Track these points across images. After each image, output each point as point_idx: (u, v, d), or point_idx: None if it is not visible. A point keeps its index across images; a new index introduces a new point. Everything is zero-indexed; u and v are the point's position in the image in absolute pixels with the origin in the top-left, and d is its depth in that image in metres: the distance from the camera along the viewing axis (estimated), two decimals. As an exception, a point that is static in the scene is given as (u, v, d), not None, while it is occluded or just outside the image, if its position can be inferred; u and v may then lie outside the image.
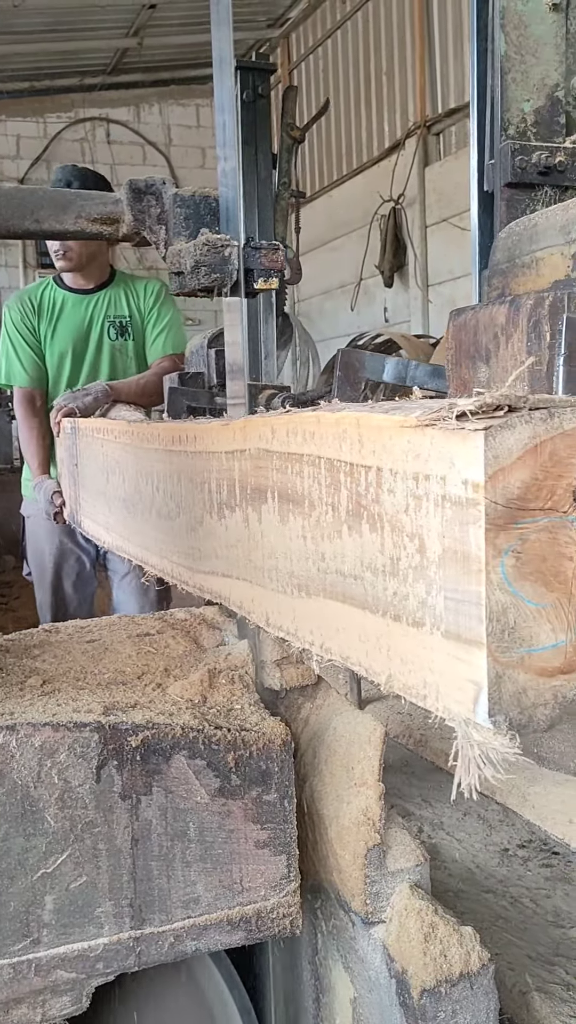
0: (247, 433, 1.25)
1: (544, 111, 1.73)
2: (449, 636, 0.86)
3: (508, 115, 1.71)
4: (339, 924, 1.28)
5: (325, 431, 1.04)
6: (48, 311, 3.28)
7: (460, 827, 2.40)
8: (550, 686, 0.83)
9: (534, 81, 1.72)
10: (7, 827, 1.10)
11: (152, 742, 1.16)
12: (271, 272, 1.42)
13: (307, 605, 1.12)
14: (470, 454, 0.80)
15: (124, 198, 1.54)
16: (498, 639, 0.81)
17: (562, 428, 0.81)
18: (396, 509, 0.92)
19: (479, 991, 1.14)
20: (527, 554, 0.82)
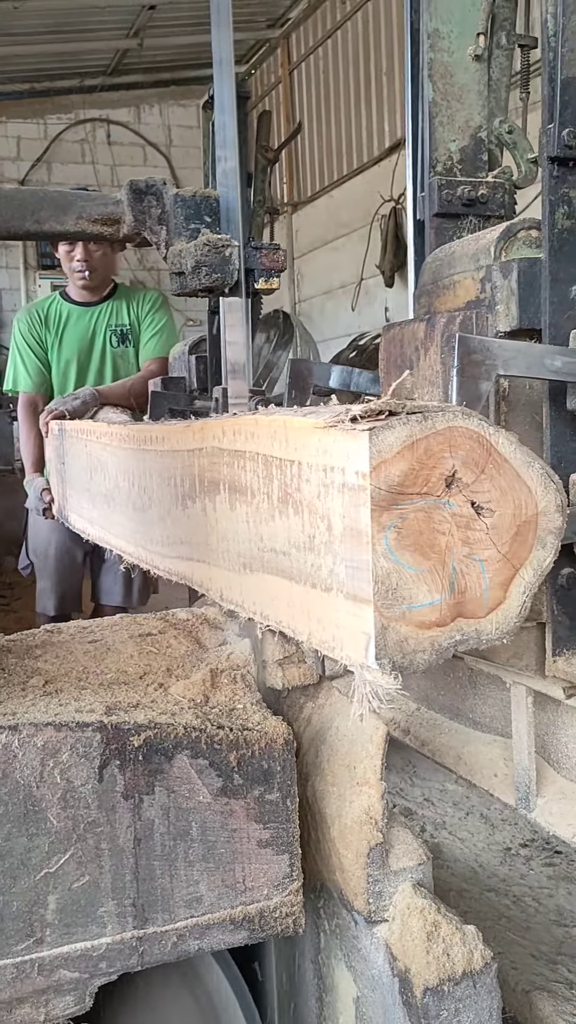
0: (204, 434, 1.42)
1: (468, 150, 1.94)
2: (348, 597, 1.04)
3: (436, 154, 1.90)
4: (342, 923, 1.28)
5: (262, 431, 1.21)
6: (55, 323, 3.56)
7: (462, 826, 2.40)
8: (427, 636, 1.02)
9: (459, 124, 1.91)
10: (10, 827, 1.10)
11: (154, 742, 1.16)
12: (271, 272, 1.42)
13: (250, 580, 1.30)
14: (359, 449, 0.98)
15: (125, 199, 1.54)
16: (383, 598, 0.99)
17: (435, 428, 1.00)
18: (312, 495, 1.10)
19: (482, 990, 1.14)
20: (406, 529, 1.00)
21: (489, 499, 1.05)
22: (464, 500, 1.03)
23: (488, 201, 1.91)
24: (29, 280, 12.15)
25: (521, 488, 1.06)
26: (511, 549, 1.06)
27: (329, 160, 10.76)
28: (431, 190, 1.90)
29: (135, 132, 12.48)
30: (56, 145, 12.20)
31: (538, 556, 1.08)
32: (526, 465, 1.06)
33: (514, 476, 1.06)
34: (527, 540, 1.07)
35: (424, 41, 1.89)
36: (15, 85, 11.72)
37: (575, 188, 1.46)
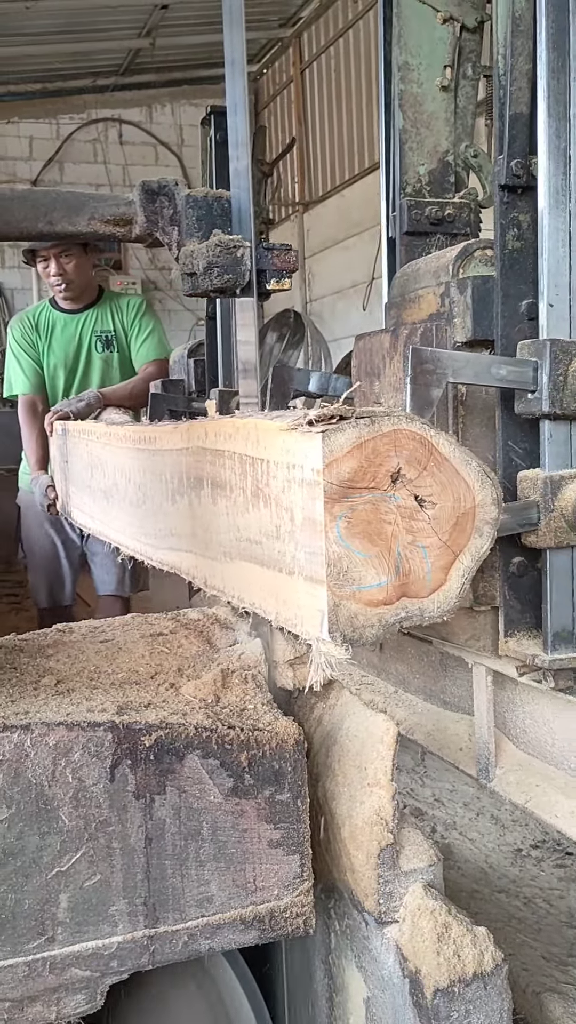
0: (189, 434, 1.55)
1: (436, 173, 2.08)
2: (307, 579, 1.16)
3: (406, 176, 2.05)
4: (352, 924, 1.28)
5: (238, 433, 1.33)
6: (45, 330, 3.79)
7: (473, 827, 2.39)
8: (375, 613, 1.15)
9: (427, 149, 2.06)
10: (22, 825, 1.11)
11: (165, 742, 1.16)
12: (283, 273, 1.42)
13: (230, 567, 1.42)
14: (314, 449, 1.11)
15: (137, 199, 1.54)
16: (335, 579, 1.12)
17: (381, 430, 1.12)
18: (278, 490, 1.22)
19: (492, 991, 1.13)
20: (356, 519, 1.12)
21: (431, 493, 1.17)
22: (408, 494, 1.16)
23: (455, 220, 2.06)
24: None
25: (460, 483, 1.19)
26: (451, 537, 1.19)
27: (340, 159, 10.74)
28: (401, 210, 2.04)
29: (147, 132, 12.49)
30: (68, 145, 12.23)
31: (476, 544, 1.20)
32: (464, 463, 1.19)
33: (453, 473, 1.18)
34: (466, 529, 1.20)
35: (395, 73, 2.04)
36: (27, 85, 11.75)
37: (523, 213, 1.57)
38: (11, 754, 1.10)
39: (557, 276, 1.52)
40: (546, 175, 1.52)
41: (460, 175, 2.12)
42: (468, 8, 2.08)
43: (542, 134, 1.52)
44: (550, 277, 1.52)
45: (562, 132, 1.51)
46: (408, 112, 2.04)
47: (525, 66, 1.56)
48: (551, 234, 1.52)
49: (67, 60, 11.15)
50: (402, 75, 2.04)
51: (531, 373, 1.52)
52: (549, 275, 1.52)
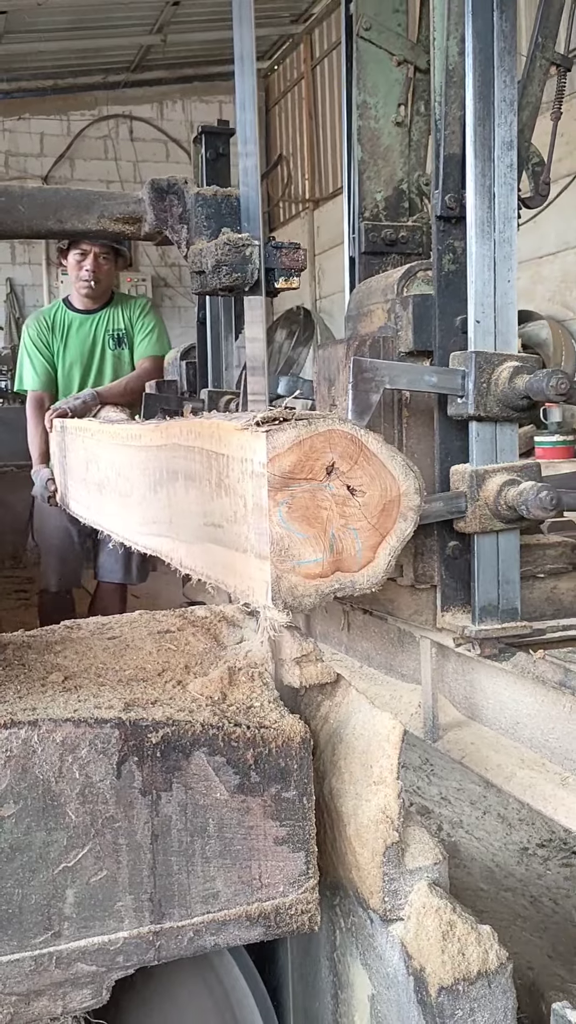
0: (167, 433, 1.74)
1: (392, 199, 2.32)
2: (257, 556, 1.35)
3: (365, 203, 2.29)
4: (357, 921, 1.29)
5: (205, 431, 1.51)
6: (61, 330, 3.94)
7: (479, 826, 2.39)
8: (312, 584, 1.34)
9: (384, 178, 2.30)
10: (29, 820, 1.11)
11: (172, 739, 1.16)
12: (291, 271, 1.42)
13: (200, 548, 1.60)
14: (260, 446, 1.30)
15: (146, 197, 1.55)
16: (278, 556, 1.31)
17: (317, 430, 1.31)
18: (235, 480, 1.40)
19: (497, 990, 1.14)
20: (296, 505, 1.31)
21: (361, 483, 1.36)
22: (341, 484, 1.35)
23: (408, 242, 2.28)
24: (51, 276, 12.19)
25: (387, 475, 1.37)
26: (379, 521, 1.38)
27: (351, 156, 10.72)
28: (360, 232, 2.27)
29: (158, 128, 12.50)
30: (79, 141, 12.24)
31: (401, 527, 1.39)
32: (390, 458, 1.37)
33: (381, 466, 1.36)
34: (392, 514, 1.38)
35: (355, 110, 2.27)
36: (39, 82, 11.76)
37: (457, 240, 1.77)
38: (19, 750, 1.11)
39: (483, 296, 1.72)
40: (473, 209, 1.71)
41: (414, 201, 2.34)
42: (420, 52, 2.28)
43: (470, 173, 1.71)
44: (477, 297, 1.72)
45: (487, 171, 1.71)
46: (366, 145, 2.28)
47: (458, 113, 1.76)
48: (478, 260, 1.72)
49: (78, 56, 11.16)
50: (360, 112, 2.28)
51: (459, 380, 1.72)
52: (476, 295, 1.72)
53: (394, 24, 2.28)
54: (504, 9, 1.68)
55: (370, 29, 2.26)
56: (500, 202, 1.72)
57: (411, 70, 2.28)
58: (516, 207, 1.75)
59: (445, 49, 1.77)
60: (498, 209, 1.71)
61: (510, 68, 1.71)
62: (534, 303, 7.52)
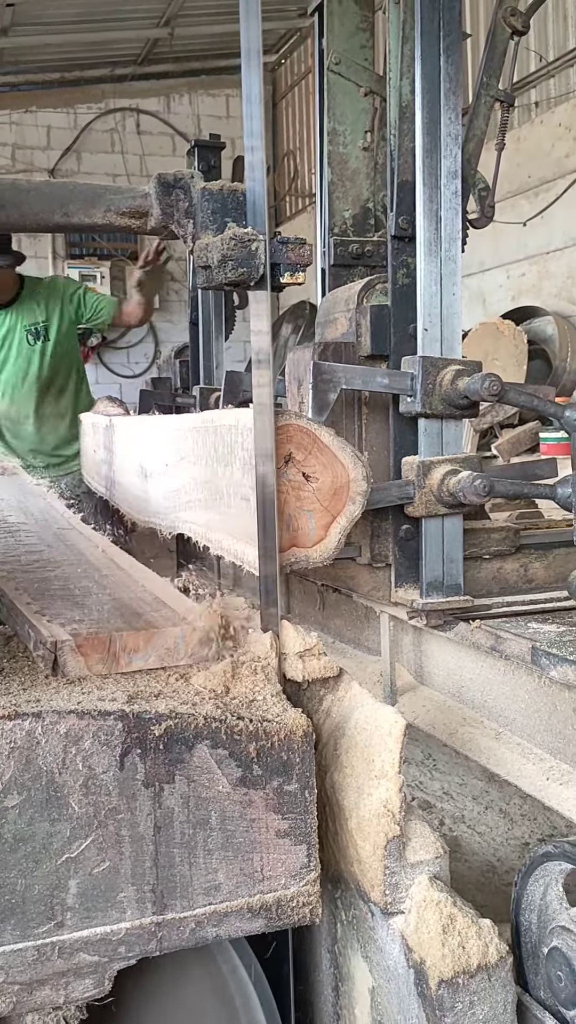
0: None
1: (358, 217, 2.52)
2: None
3: (334, 220, 2.49)
4: (358, 914, 1.29)
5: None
6: None
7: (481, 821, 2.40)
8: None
9: (351, 198, 2.51)
10: (32, 812, 1.12)
11: (175, 731, 1.17)
12: (297, 267, 1.42)
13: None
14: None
15: (153, 192, 1.54)
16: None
17: (276, 424, 1.48)
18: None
19: (497, 983, 1.14)
20: None
21: (314, 471, 1.54)
22: (297, 471, 1.53)
23: (373, 255, 2.46)
24: (58, 269, 12.19)
25: (337, 464, 1.54)
26: (331, 504, 1.55)
27: (358, 150, 10.70)
28: (329, 247, 2.47)
29: (164, 122, 12.47)
30: (86, 135, 12.22)
31: (350, 509, 1.56)
32: (341, 449, 1.55)
33: (332, 456, 1.54)
34: (342, 498, 1.55)
35: (325, 136, 2.47)
36: (45, 75, 11.73)
37: (409, 256, 1.96)
38: (22, 741, 1.12)
39: (430, 307, 1.91)
40: (422, 230, 1.90)
41: (379, 218, 2.53)
42: (385, 84, 2.37)
43: (419, 198, 1.90)
44: (424, 308, 1.91)
45: (434, 197, 1.90)
46: (335, 168, 2.49)
47: (409, 144, 1.94)
48: (425, 276, 1.90)
49: (86, 49, 11.13)
50: (330, 138, 2.48)
51: (408, 382, 1.91)
52: (424, 307, 1.91)
53: (361, 59, 2.50)
54: (450, 54, 1.88)
55: (339, 63, 2.48)
56: (446, 225, 1.91)
57: (377, 100, 2.48)
58: (460, 229, 1.94)
59: (399, 88, 1.97)
60: (444, 231, 1.91)
61: (455, 106, 1.90)
62: (540, 299, 7.49)
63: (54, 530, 1.96)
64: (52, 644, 1.26)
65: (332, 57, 2.47)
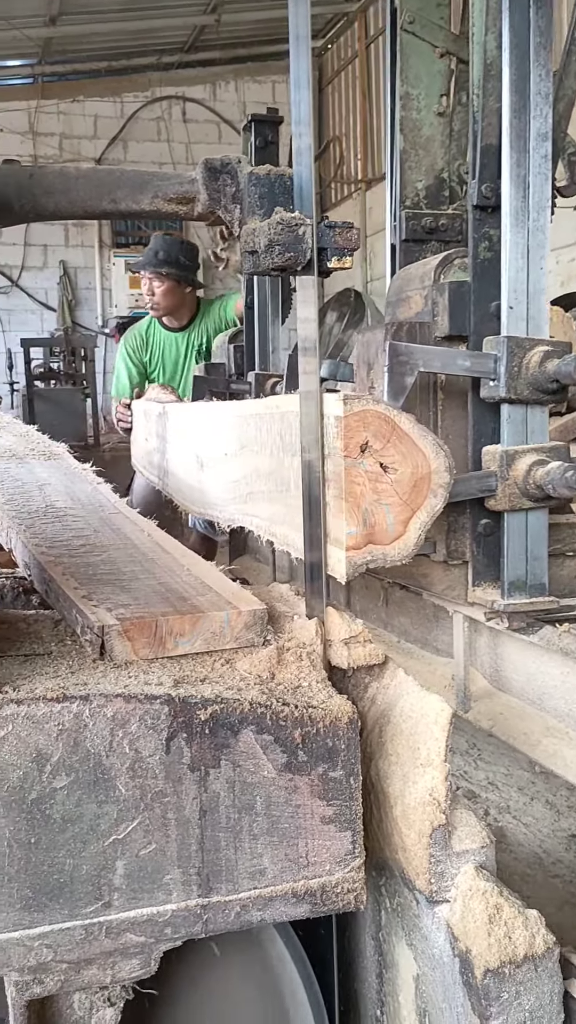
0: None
1: (432, 188, 2.38)
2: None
3: (406, 191, 2.35)
4: (403, 902, 1.29)
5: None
6: (153, 347, 4.55)
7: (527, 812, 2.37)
8: (346, 555, 1.44)
9: (424, 167, 2.36)
10: (80, 793, 1.13)
11: (221, 716, 1.17)
12: (344, 251, 1.41)
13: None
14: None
15: (199, 177, 1.54)
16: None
17: (353, 410, 1.40)
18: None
19: (543, 974, 1.13)
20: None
21: (393, 461, 1.43)
22: (374, 462, 1.42)
23: (447, 229, 2.34)
24: (104, 258, 12.28)
25: (418, 454, 1.44)
26: (410, 497, 1.45)
27: (405, 136, 10.59)
28: (401, 220, 2.34)
29: (210, 109, 12.48)
30: (132, 123, 12.28)
31: (431, 503, 1.46)
32: (421, 437, 1.44)
33: (412, 445, 1.44)
34: (423, 491, 1.45)
35: (397, 101, 2.33)
36: (93, 64, 11.80)
37: (493, 228, 1.84)
38: (70, 724, 1.13)
39: (516, 283, 1.79)
40: (508, 198, 1.78)
41: (454, 189, 2.40)
42: (463, 43, 2.28)
43: (506, 163, 1.77)
44: (510, 284, 1.79)
45: (522, 162, 1.78)
46: (408, 135, 2.35)
47: (495, 105, 1.82)
48: (511, 248, 1.78)
49: (132, 38, 11.17)
50: (403, 104, 2.34)
51: (491, 364, 1.79)
52: (509, 282, 1.79)
53: (437, 17, 2.34)
54: (540, 5, 1.74)
55: (413, 22, 2.32)
56: (534, 192, 1.78)
57: (453, 61, 2.33)
58: (550, 197, 1.81)
59: (483, 43, 1.84)
60: (532, 199, 1.78)
61: (545, 62, 1.76)
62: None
63: (101, 514, 1.97)
64: (99, 629, 1.27)
65: (406, 16, 2.31)
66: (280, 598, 1.60)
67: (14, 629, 1.43)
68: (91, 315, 12.33)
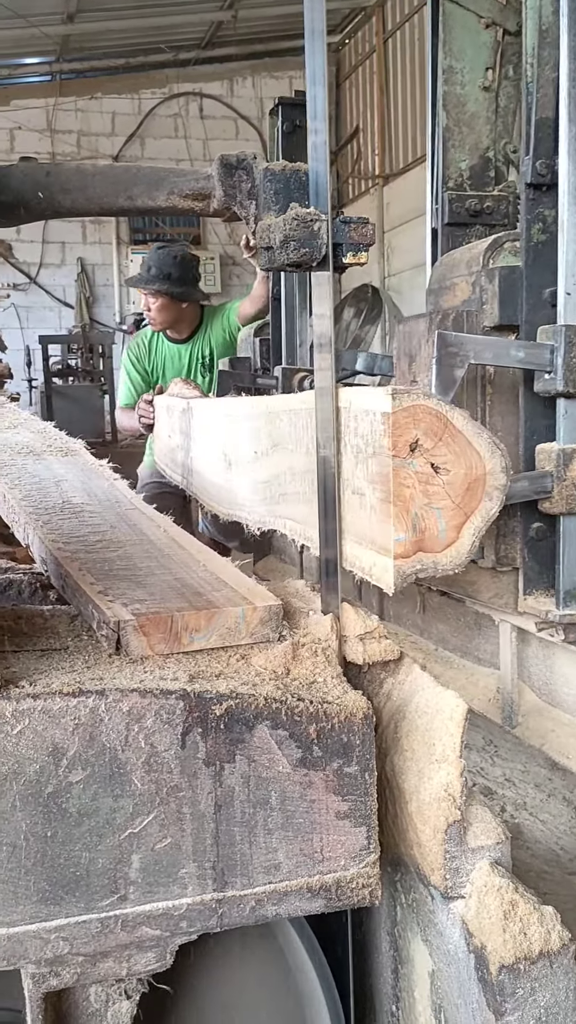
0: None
1: (477, 168, 2.23)
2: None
3: (448, 172, 2.22)
4: (418, 897, 1.29)
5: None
6: (157, 357, 4.40)
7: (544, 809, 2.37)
8: (394, 564, 1.31)
9: (469, 146, 2.22)
10: (96, 787, 1.14)
11: (236, 711, 1.18)
12: (360, 246, 1.41)
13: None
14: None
15: (215, 173, 1.54)
16: None
17: (402, 406, 1.27)
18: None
19: (559, 970, 1.13)
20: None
21: (445, 461, 1.31)
22: (425, 462, 1.30)
23: (493, 212, 2.20)
24: (121, 255, 12.31)
25: (472, 453, 1.32)
26: (463, 500, 1.33)
27: (422, 131, 10.56)
28: (443, 202, 2.20)
29: (227, 105, 12.47)
30: (149, 120, 12.29)
31: (486, 506, 1.34)
32: (476, 435, 1.32)
33: (466, 443, 1.32)
34: (477, 493, 1.33)
35: (440, 75, 2.18)
36: (110, 60, 11.82)
37: (548, 208, 1.71)
38: (86, 718, 1.13)
39: (574, 267, 1.66)
40: (566, 175, 1.65)
41: (500, 169, 2.27)
42: (510, 13, 2.20)
43: (563, 137, 1.65)
44: (568, 268, 1.66)
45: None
46: (451, 112, 2.22)
47: (551, 74, 1.70)
48: (570, 228, 1.65)
49: (149, 34, 11.17)
50: (446, 78, 2.21)
51: (547, 355, 1.67)
52: (567, 266, 1.66)
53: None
54: None
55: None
56: None
57: (500, 33, 2.20)
58: None
59: (538, 8, 1.72)
60: None
61: None
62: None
63: (117, 510, 1.98)
64: (115, 624, 1.28)
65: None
66: (295, 594, 1.60)
67: (31, 624, 1.44)
68: (109, 312, 12.37)
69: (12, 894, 1.13)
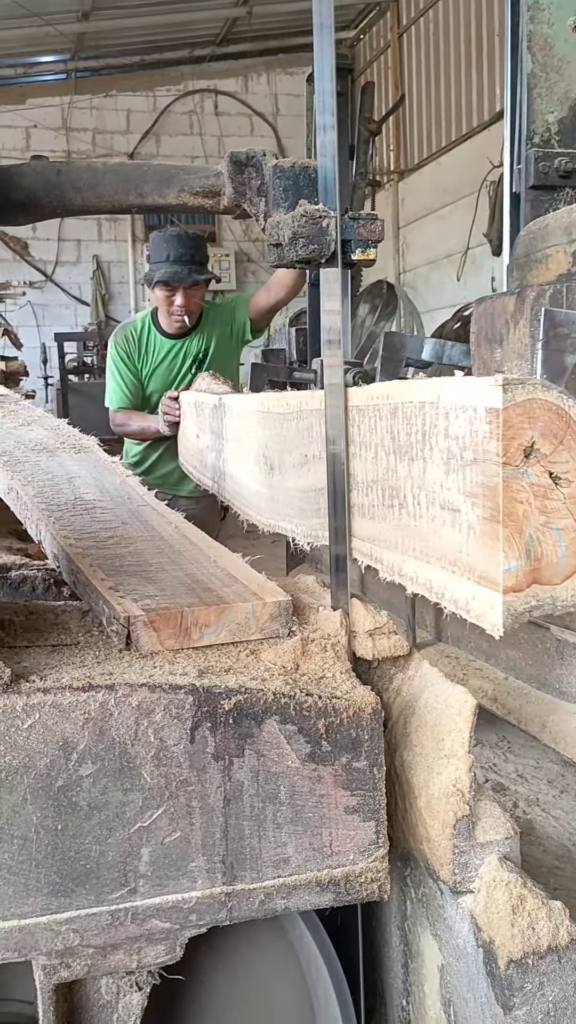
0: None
1: (567, 121, 1.95)
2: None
3: (534, 126, 1.94)
4: (428, 892, 1.29)
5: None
6: (148, 353, 3.85)
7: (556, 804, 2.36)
8: (504, 600, 1.05)
9: (558, 95, 1.94)
10: (106, 781, 1.15)
11: (245, 706, 1.18)
12: (368, 243, 1.41)
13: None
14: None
15: (225, 171, 1.55)
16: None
17: (514, 400, 1.01)
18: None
19: (567, 965, 1.13)
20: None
21: (567, 470, 1.05)
22: (542, 470, 1.04)
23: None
24: (136, 253, 12.33)
25: None
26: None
27: (437, 126, 10.53)
28: (527, 162, 1.95)
29: (242, 102, 12.48)
30: (164, 117, 12.31)
31: None
32: None
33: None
34: None
35: (524, 13, 1.92)
36: (125, 58, 11.85)
37: None
38: (96, 713, 1.14)
39: None
40: None
41: None
42: None
43: None
44: None
45: None
46: (537, 55, 1.95)
47: None
48: None
49: (164, 31, 11.19)
50: (531, 15, 1.95)
51: None
52: None
53: None
54: None
55: None
56: None
57: None
58: None
59: None
60: None
61: None
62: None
63: (129, 507, 1.99)
64: (125, 619, 1.29)
65: None
66: (305, 589, 1.60)
67: (42, 620, 1.45)
68: (124, 309, 12.41)
69: (23, 886, 1.14)
